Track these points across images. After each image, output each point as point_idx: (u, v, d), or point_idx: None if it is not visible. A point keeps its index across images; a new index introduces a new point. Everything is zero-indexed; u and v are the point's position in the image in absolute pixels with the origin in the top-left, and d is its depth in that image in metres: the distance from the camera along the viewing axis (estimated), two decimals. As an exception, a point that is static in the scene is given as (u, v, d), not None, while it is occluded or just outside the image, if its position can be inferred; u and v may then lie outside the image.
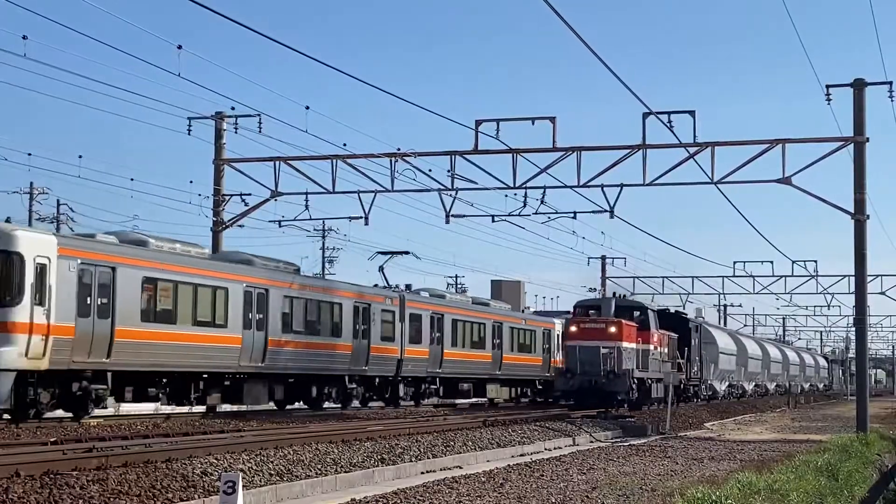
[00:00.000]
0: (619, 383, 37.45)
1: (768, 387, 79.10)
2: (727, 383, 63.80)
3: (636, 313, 41.72)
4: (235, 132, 37.18)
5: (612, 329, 38.01)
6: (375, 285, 37.70)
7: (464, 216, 37.02)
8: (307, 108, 33.12)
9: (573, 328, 38.90)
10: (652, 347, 41.84)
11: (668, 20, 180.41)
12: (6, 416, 23.24)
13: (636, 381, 39.08)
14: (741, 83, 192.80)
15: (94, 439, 19.45)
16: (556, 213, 38.08)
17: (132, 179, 70.86)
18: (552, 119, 33.53)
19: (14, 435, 21.55)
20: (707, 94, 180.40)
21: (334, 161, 35.38)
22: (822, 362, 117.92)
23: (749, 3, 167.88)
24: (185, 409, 29.82)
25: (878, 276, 63.59)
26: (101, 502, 12.17)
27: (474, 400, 44.56)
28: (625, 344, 38.31)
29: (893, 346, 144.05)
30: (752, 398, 68.30)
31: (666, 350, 44.52)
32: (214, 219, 38.11)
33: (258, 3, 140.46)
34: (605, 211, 35.42)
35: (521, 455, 22.96)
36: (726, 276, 68.02)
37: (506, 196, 36.58)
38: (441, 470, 18.93)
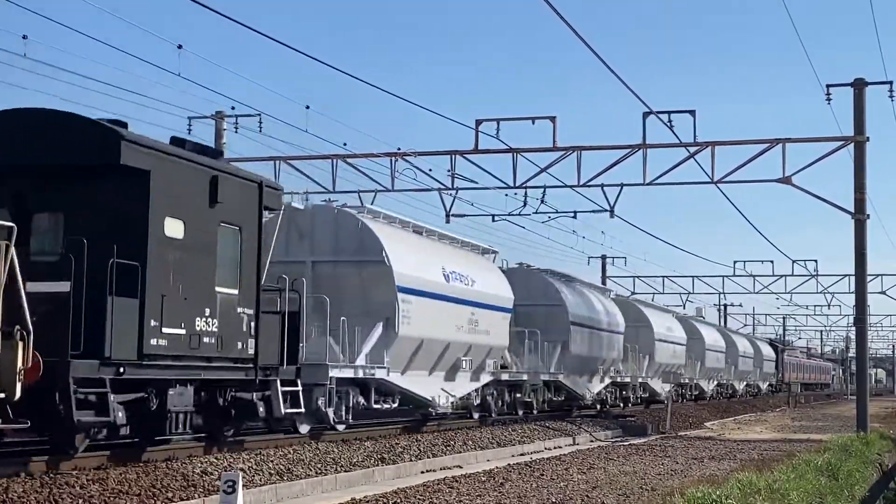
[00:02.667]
0: None
1: (656, 389, 47.53)
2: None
3: None
4: (236, 132, 37.09)
5: None
6: None
7: (464, 216, 37.03)
8: (307, 107, 33.13)
9: None
10: None
11: (668, 20, 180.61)
12: None
13: None
14: (741, 83, 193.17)
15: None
16: (557, 212, 38.09)
17: (132, 179, 71.05)
18: (552, 119, 33.48)
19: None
20: (707, 93, 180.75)
21: (334, 161, 35.32)
22: (768, 351, 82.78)
23: (749, 3, 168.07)
24: None
25: (878, 275, 63.61)
26: (101, 502, 12.15)
27: None
28: None
29: (893, 346, 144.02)
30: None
31: None
32: (215, 218, 38.02)
33: (259, 3, 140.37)
34: (605, 210, 35.40)
35: (522, 454, 22.96)
36: (726, 276, 67.82)
37: (506, 196, 36.59)
38: (441, 469, 18.92)
